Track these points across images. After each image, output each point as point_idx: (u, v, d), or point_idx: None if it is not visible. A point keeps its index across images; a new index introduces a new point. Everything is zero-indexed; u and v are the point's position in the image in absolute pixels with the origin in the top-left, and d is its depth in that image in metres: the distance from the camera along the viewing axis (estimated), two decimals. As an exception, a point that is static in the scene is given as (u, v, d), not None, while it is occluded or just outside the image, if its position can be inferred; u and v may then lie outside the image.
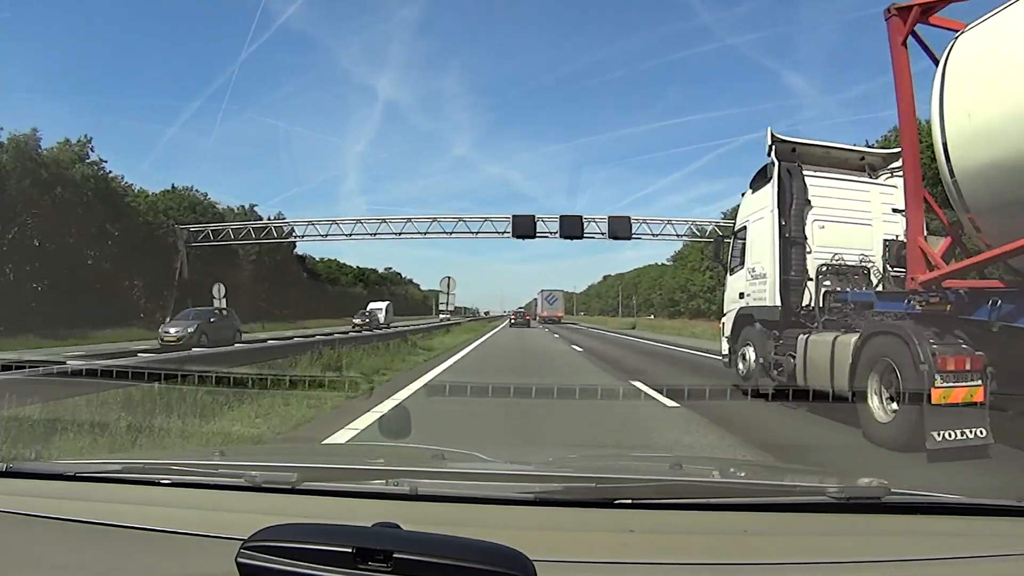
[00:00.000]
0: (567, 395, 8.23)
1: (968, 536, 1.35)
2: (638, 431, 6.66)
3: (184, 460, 1.79)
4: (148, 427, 5.59)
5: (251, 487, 1.49)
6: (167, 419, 6.00)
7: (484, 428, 6.49)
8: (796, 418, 7.54)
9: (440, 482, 1.61)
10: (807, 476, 2.19)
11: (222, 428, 6.08)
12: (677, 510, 1.40)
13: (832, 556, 1.19)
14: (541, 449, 3.91)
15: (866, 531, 1.33)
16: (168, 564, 1.14)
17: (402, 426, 2.51)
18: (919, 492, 1.53)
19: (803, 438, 6.47)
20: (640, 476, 1.85)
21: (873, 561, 1.19)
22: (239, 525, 1.10)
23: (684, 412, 7.52)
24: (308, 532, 0.98)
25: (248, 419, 6.79)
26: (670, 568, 1.15)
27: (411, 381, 10.25)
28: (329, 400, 7.69)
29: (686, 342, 25.52)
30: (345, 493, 1.48)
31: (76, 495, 1.50)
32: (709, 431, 6.56)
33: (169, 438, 5.53)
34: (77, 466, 1.75)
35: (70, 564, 1.19)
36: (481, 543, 0.93)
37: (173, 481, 1.54)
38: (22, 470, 1.66)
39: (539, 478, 1.70)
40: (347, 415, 6.76)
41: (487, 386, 8.23)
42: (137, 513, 1.34)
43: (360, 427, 6.00)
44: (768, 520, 1.38)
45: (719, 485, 1.77)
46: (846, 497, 1.40)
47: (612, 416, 7.27)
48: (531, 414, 7.18)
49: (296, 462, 1.92)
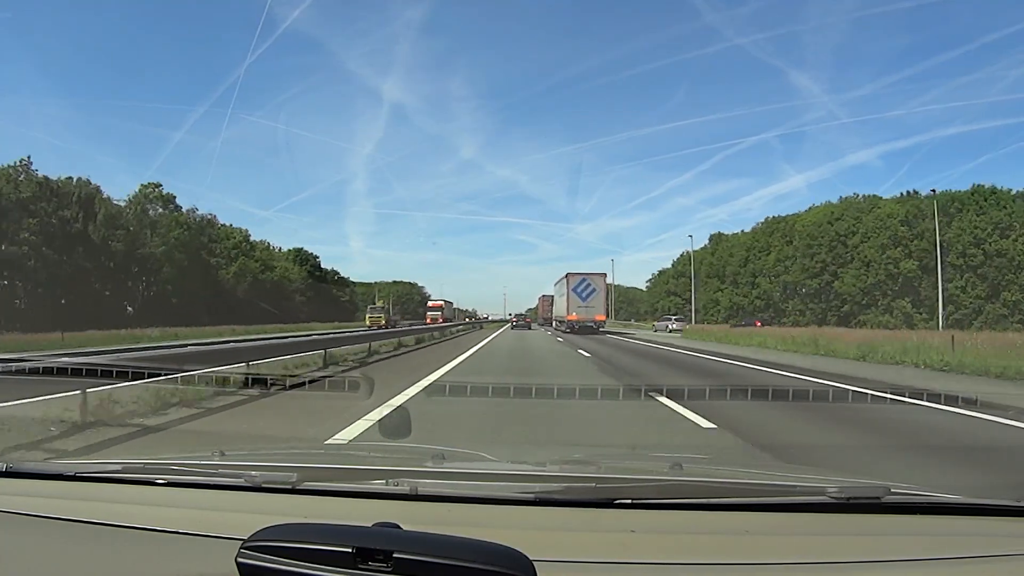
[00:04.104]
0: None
1: (968, 536, 1.35)
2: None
3: (184, 460, 1.79)
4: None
5: (251, 487, 1.49)
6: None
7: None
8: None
9: (440, 482, 1.61)
10: (807, 476, 2.19)
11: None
12: (677, 510, 1.40)
13: (832, 556, 1.19)
14: (541, 449, 3.91)
15: (866, 531, 1.33)
16: (168, 564, 1.14)
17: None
18: (919, 492, 1.53)
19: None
20: (640, 476, 1.85)
21: (873, 561, 1.19)
22: (239, 525, 1.10)
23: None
24: (308, 532, 0.98)
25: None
26: (670, 568, 1.15)
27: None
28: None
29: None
30: (345, 493, 1.48)
31: (76, 495, 1.50)
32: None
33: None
34: (77, 466, 1.75)
35: (70, 564, 1.19)
36: (481, 543, 0.93)
37: (173, 481, 1.54)
38: (22, 470, 1.66)
39: (539, 478, 1.70)
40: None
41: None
42: (137, 513, 1.34)
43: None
44: (768, 520, 1.38)
45: (719, 485, 1.77)
46: (846, 497, 1.40)
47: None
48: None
49: (296, 462, 1.92)
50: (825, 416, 7.70)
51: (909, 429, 7.03)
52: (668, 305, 75.85)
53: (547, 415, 7.13)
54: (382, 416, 5.30)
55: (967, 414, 7.77)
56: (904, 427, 7.17)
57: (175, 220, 54.27)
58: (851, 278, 54.99)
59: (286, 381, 8.80)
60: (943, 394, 8.34)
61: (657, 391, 8.64)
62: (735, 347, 24.40)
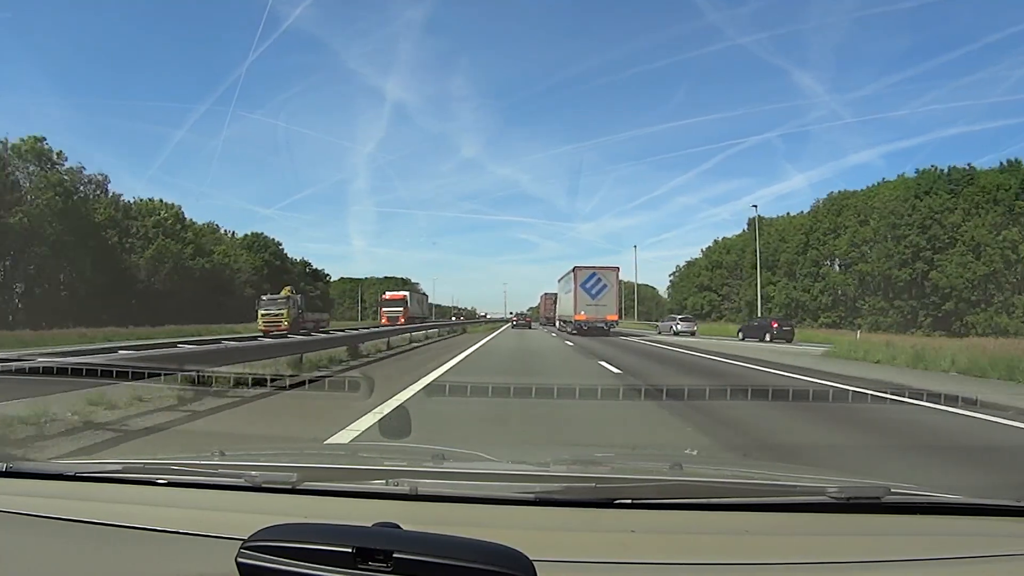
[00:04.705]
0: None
1: (968, 536, 1.35)
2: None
3: (184, 460, 1.79)
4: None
5: (251, 487, 1.49)
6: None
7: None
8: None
9: (440, 482, 1.61)
10: (807, 476, 2.18)
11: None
12: (677, 510, 1.40)
13: (832, 556, 1.19)
14: (541, 449, 3.90)
15: (866, 531, 1.33)
16: (168, 564, 1.14)
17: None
18: (919, 492, 1.53)
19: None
20: (640, 476, 1.85)
21: (873, 561, 1.19)
22: (239, 525, 1.10)
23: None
24: (308, 532, 0.98)
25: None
26: (670, 568, 1.15)
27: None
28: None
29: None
30: (345, 493, 1.48)
31: (76, 495, 1.50)
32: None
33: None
34: (77, 466, 1.75)
35: (70, 564, 1.19)
36: (481, 543, 0.93)
37: (173, 481, 1.54)
38: (22, 470, 1.66)
39: (539, 478, 1.70)
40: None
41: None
42: (137, 513, 1.34)
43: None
44: (768, 520, 1.38)
45: (719, 485, 1.77)
46: (846, 497, 1.40)
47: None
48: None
49: (296, 462, 1.93)
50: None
51: (910, 429, 7.00)
52: (700, 303, 64.20)
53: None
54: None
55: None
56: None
57: (46, 180, 39.78)
58: (954, 267, 42.50)
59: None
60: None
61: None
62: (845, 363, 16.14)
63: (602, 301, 34.06)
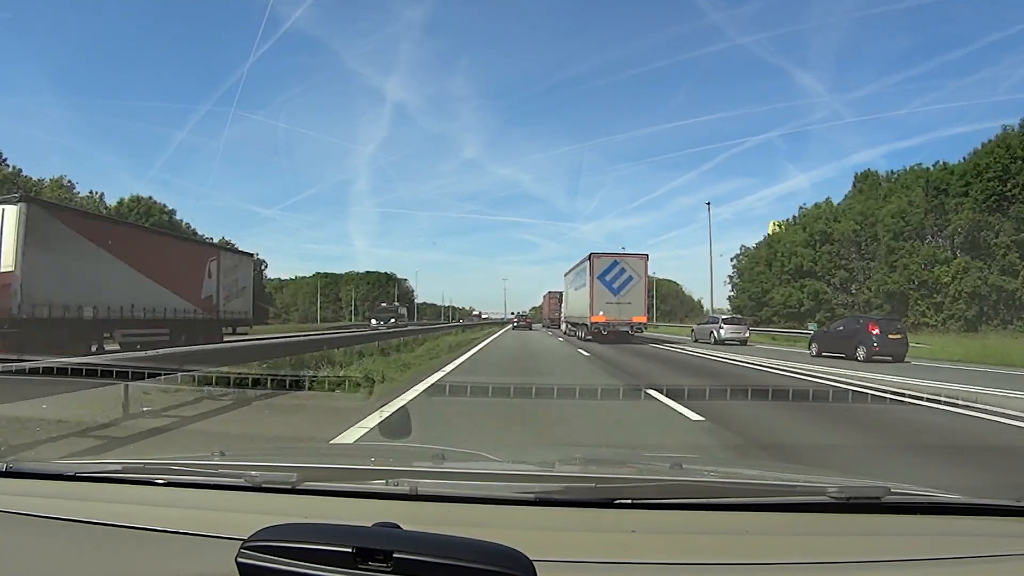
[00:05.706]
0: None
1: (968, 536, 1.35)
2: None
3: (184, 460, 1.79)
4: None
5: (251, 487, 1.49)
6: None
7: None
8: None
9: (440, 482, 1.61)
10: (807, 476, 2.18)
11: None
12: (677, 510, 1.40)
13: (832, 556, 1.19)
14: (541, 449, 3.90)
15: (866, 531, 1.33)
16: (168, 564, 1.14)
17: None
18: (919, 492, 1.53)
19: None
20: (640, 476, 1.85)
21: (873, 561, 1.19)
22: (239, 525, 1.10)
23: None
24: (308, 532, 0.98)
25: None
26: (670, 568, 1.15)
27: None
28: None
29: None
30: (345, 493, 1.48)
31: (76, 495, 1.50)
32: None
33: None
34: (77, 466, 1.75)
35: (70, 564, 1.19)
36: (481, 543, 0.93)
37: (173, 481, 1.54)
38: (22, 470, 1.66)
39: (539, 478, 1.70)
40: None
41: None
42: (137, 513, 1.34)
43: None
44: (768, 520, 1.38)
45: (719, 485, 1.77)
46: (846, 497, 1.40)
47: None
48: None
49: (296, 462, 1.92)
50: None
51: (910, 429, 6.92)
52: (794, 297, 44.59)
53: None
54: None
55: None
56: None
57: None
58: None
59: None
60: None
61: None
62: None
63: (627, 298, 26.70)
